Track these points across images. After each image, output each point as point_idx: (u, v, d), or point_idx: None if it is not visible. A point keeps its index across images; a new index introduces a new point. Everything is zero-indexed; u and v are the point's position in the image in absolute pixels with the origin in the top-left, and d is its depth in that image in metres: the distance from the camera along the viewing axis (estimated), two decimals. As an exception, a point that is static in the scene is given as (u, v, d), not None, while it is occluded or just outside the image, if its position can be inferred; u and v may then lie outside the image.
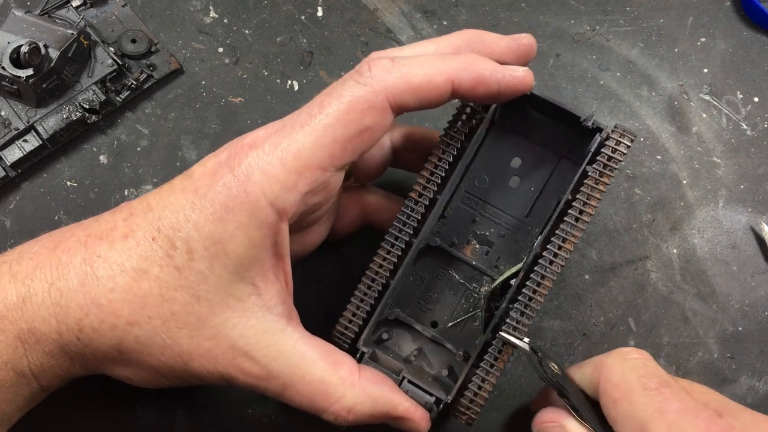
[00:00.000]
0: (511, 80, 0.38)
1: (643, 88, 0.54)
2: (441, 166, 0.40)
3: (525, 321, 0.39)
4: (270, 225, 0.36)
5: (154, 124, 0.53)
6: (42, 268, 0.37)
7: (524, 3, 0.57)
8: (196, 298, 0.36)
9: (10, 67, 0.48)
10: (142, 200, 0.38)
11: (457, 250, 0.43)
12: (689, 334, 0.49)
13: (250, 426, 0.47)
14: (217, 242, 0.36)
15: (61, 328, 0.36)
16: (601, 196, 0.39)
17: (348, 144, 0.36)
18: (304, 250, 0.45)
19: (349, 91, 0.36)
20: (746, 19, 0.56)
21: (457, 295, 0.44)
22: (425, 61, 0.37)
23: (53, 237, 0.39)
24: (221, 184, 0.36)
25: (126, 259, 0.36)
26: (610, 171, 0.39)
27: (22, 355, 0.37)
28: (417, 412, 0.40)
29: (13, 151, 0.50)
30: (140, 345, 0.37)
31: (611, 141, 0.39)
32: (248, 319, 0.37)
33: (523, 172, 0.43)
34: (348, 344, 0.41)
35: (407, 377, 0.40)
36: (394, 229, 0.41)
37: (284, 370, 0.37)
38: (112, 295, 0.36)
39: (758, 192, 0.52)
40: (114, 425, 0.47)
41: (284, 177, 0.35)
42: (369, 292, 0.41)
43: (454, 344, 0.43)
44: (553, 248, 0.39)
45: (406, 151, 0.45)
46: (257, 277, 0.37)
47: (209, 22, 0.56)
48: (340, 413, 0.38)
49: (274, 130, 0.37)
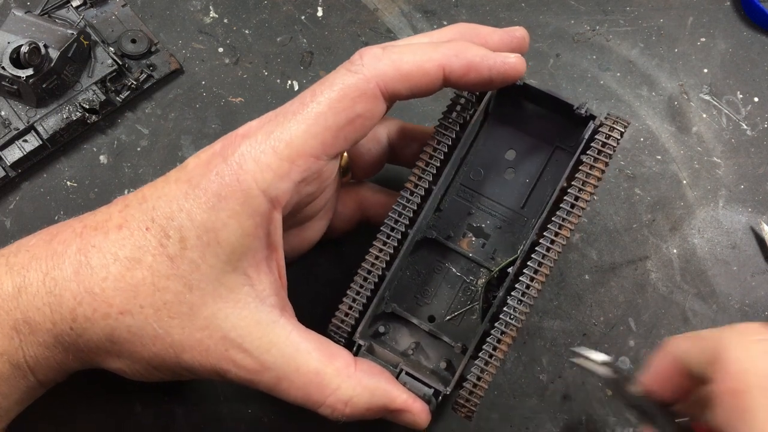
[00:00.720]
0: (503, 66, 0.38)
1: (643, 88, 0.54)
2: (436, 157, 0.40)
3: (522, 309, 0.39)
4: (263, 214, 0.36)
5: (154, 124, 0.53)
6: (38, 258, 0.37)
7: (524, 3, 0.57)
8: (188, 287, 0.36)
9: (10, 67, 0.48)
10: (137, 192, 0.38)
11: (454, 243, 0.43)
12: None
13: (249, 424, 0.47)
14: (209, 231, 0.36)
15: (55, 317, 0.36)
16: (596, 183, 0.39)
17: (340, 132, 0.36)
18: (302, 247, 0.45)
19: (340, 79, 0.37)
20: (746, 19, 0.56)
21: (454, 289, 0.44)
22: (416, 49, 0.37)
23: (50, 230, 0.39)
24: (214, 173, 0.36)
25: (119, 248, 0.36)
26: (605, 157, 0.39)
27: (17, 347, 0.37)
28: (416, 404, 0.39)
29: (13, 151, 0.50)
30: (132, 335, 0.37)
31: (604, 128, 0.39)
32: (241, 309, 0.37)
33: (518, 163, 0.43)
34: (344, 338, 0.41)
35: (405, 369, 0.40)
36: (389, 220, 0.40)
37: (277, 362, 0.37)
38: (105, 284, 0.36)
39: (758, 192, 0.52)
40: (112, 422, 0.47)
41: (276, 165, 0.36)
42: (365, 284, 0.40)
43: (452, 338, 0.43)
44: (549, 235, 0.39)
45: (403, 146, 0.45)
46: (250, 268, 0.37)
47: (209, 22, 0.56)
48: (336, 406, 0.38)
49: (267, 120, 0.37)
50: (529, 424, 0.48)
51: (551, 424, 0.48)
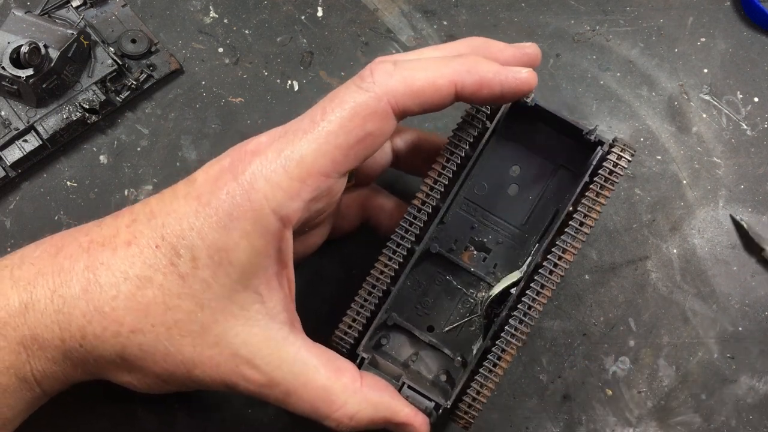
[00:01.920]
0: (514, 81, 0.38)
1: (643, 88, 0.54)
2: (445, 174, 0.41)
3: (524, 329, 0.40)
4: (274, 233, 0.36)
5: (154, 124, 0.53)
6: (44, 274, 0.37)
7: (524, 3, 0.57)
8: (199, 306, 0.36)
9: (10, 67, 0.48)
10: (144, 205, 0.38)
11: (455, 256, 0.44)
12: (689, 334, 0.49)
13: (251, 427, 0.47)
14: (221, 250, 0.35)
15: (64, 335, 0.36)
16: (601, 209, 0.40)
17: (350, 150, 0.36)
18: (306, 251, 0.45)
19: (351, 96, 0.36)
20: (746, 19, 0.56)
21: (454, 301, 0.44)
22: (428, 65, 0.37)
23: (54, 242, 0.39)
24: (225, 191, 0.36)
25: (129, 266, 0.36)
26: (611, 184, 0.40)
27: (24, 361, 0.37)
28: (417, 417, 0.40)
29: (13, 151, 0.50)
30: (143, 352, 0.37)
31: (613, 155, 0.40)
32: (251, 327, 0.37)
33: (522, 180, 0.44)
34: (346, 349, 0.41)
35: (407, 383, 0.40)
36: (396, 236, 0.41)
37: (287, 378, 0.37)
38: (115, 303, 0.36)
39: (758, 192, 0.52)
40: (114, 427, 0.47)
41: (287, 185, 0.35)
42: (369, 298, 0.41)
43: (451, 349, 0.43)
44: (553, 258, 0.40)
45: (405, 152, 0.45)
46: (261, 285, 0.37)
47: (209, 22, 0.56)
48: (342, 420, 0.38)
49: (276, 136, 0.37)
50: (529, 424, 0.48)
51: (551, 424, 0.48)
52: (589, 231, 0.40)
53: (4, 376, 0.36)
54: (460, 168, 0.41)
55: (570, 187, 0.42)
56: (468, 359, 0.42)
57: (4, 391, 0.37)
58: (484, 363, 0.40)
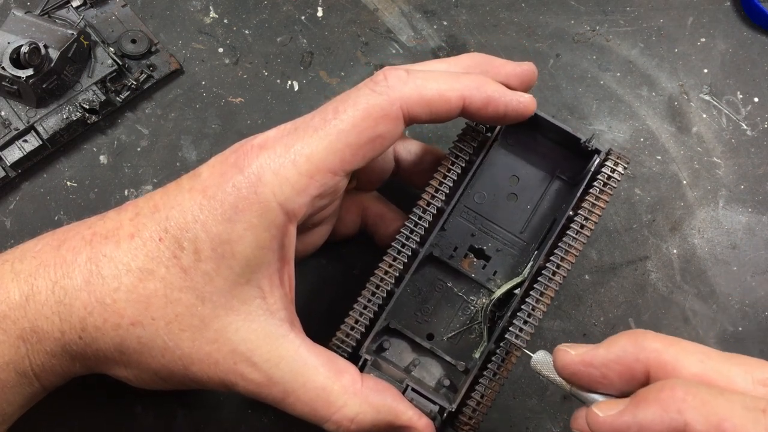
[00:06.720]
0: (517, 104, 0.39)
1: (643, 88, 0.54)
2: (450, 177, 0.42)
3: (528, 330, 0.40)
4: (278, 227, 0.36)
5: (154, 124, 0.53)
6: (46, 266, 0.37)
7: (524, 3, 0.57)
8: (200, 299, 0.36)
9: (10, 67, 0.48)
10: (148, 199, 0.38)
11: (456, 263, 0.44)
12: (689, 334, 0.49)
13: (250, 427, 0.47)
14: (224, 243, 0.36)
15: (64, 326, 0.36)
16: (600, 213, 0.41)
17: (360, 150, 0.37)
18: (306, 251, 0.45)
19: (365, 98, 0.37)
20: (746, 19, 0.56)
21: (454, 308, 0.44)
22: (440, 77, 0.38)
23: (57, 235, 0.39)
24: (231, 184, 0.36)
25: (132, 258, 0.36)
26: (610, 190, 0.42)
27: (24, 355, 0.37)
28: (421, 420, 0.39)
29: (13, 151, 0.50)
30: (142, 346, 0.37)
31: (609, 162, 0.42)
32: (251, 323, 0.37)
33: (520, 189, 0.45)
34: (348, 352, 0.41)
35: (411, 385, 0.40)
36: (400, 237, 0.41)
37: (285, 377, 0.37)
38: (116, 295, 0.36)
39: (758, 192, 0.52)
40: (113, 424, 0.47)
41: (296, 179, 0.36)
42: (373, 298, 0.41)
43: (452, 356, 0.43)
44: (555, 260, 0.41)
45: (406, 162, 0.46)
46: (263, 280, 0.37)
47: (209, 22, 0.56)
48: (342, 423, 0.38)
49: (285, 132, 0.37)
50: (529, 424, 0.48)
51: (551, 424, 0.48)
52: (590, 234, 0.41)
53: (3, 372, 0.36)
54: (461, 176, 0.42)
55: (568, 195, 0.44)
56: (469, 365, 0.42)
57: (3, 387, 0.37)
58: (488, 366, 0.40)
